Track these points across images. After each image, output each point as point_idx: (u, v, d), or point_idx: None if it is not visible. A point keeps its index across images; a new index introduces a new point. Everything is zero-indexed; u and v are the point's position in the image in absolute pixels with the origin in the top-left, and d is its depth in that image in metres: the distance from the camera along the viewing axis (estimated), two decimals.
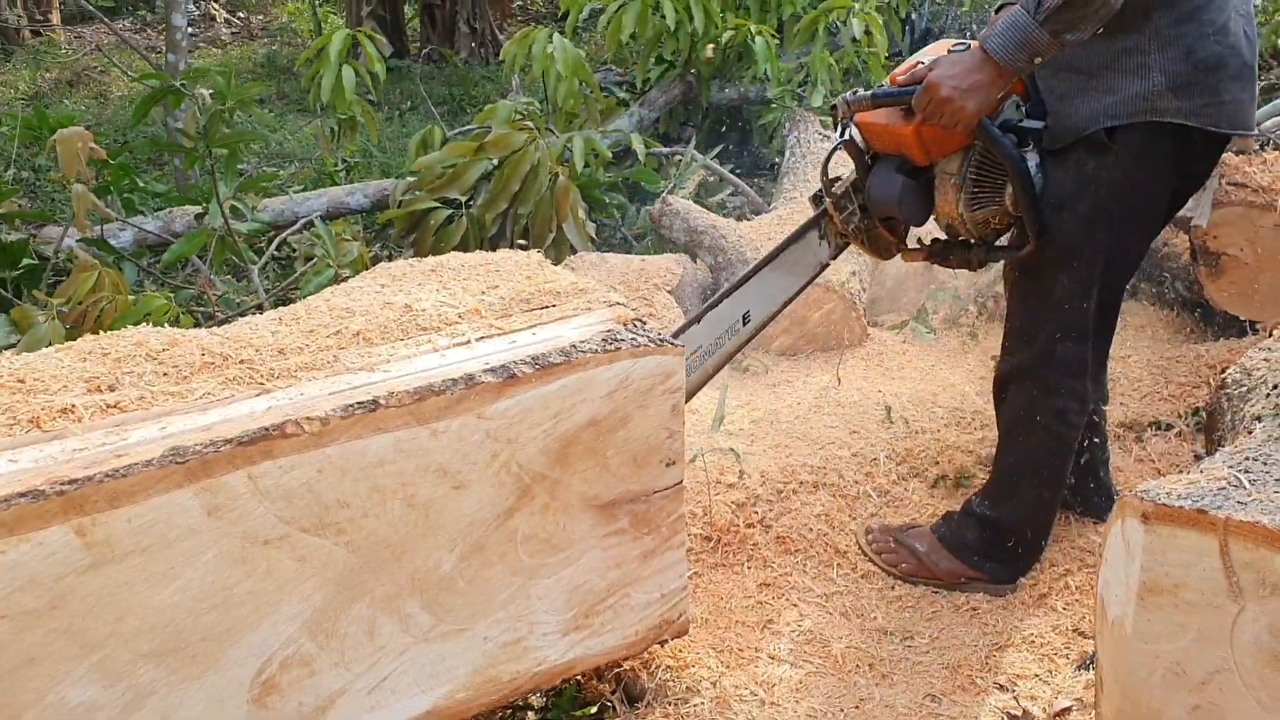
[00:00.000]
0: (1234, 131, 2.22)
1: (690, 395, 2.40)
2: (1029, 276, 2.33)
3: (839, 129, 2.37)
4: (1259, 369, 2.19)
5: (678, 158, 5.17)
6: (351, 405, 1.49)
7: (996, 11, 2.25)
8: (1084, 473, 2.64)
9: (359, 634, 1.60)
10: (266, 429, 1.43)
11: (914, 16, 7.59)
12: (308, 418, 1.46)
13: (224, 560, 1.44)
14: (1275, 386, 1.95)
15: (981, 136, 2.20)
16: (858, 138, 2.36)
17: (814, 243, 2.50)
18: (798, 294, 2.54)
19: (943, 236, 2.44)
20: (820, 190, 2.45)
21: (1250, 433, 1.78)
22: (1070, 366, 2.34)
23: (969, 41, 2.21)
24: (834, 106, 2.32)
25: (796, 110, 5.26)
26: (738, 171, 5.51)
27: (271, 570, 1.49)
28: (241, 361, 1.62)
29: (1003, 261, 2.49)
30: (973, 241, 2.37)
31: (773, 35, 5.30)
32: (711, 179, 5.20)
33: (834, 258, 2.56)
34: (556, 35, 4.81)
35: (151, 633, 1.41)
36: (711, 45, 5.46)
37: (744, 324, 2.44)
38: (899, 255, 2.51)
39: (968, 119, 2.14)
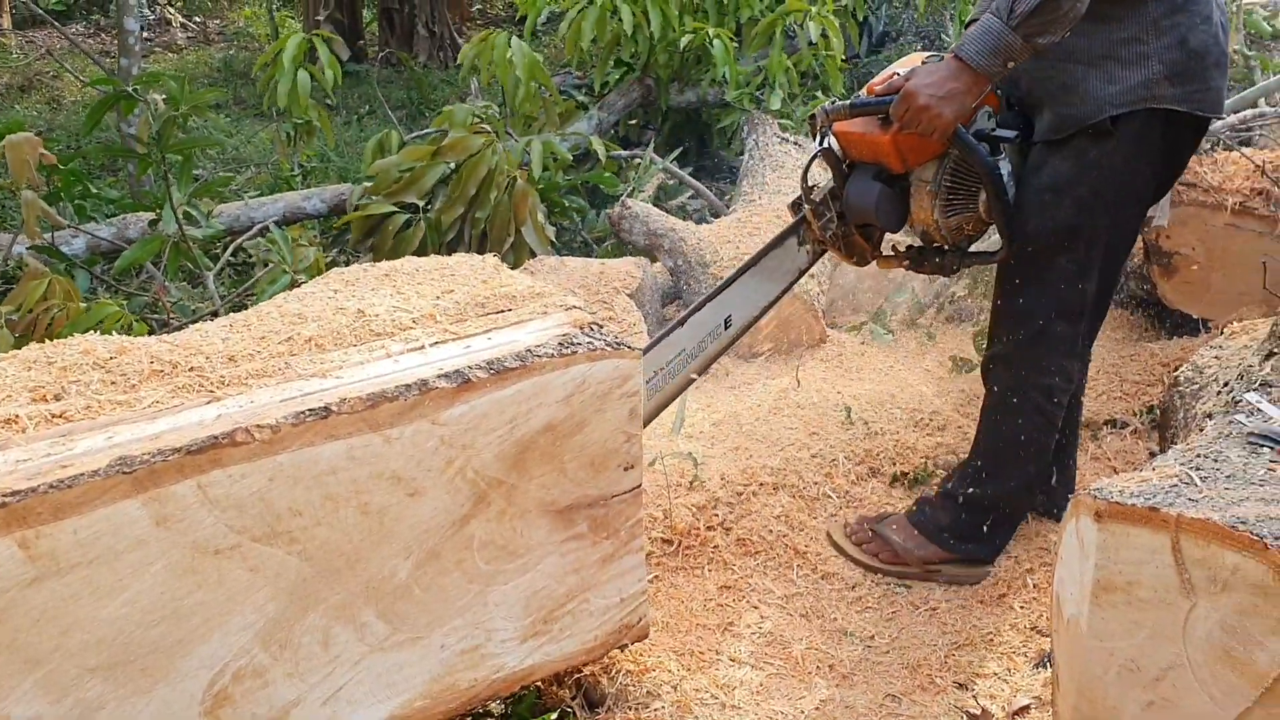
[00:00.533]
0: (1216, 116, 2.32)
1: (673, 398, 2.44)
2: (1025, 259, 2.37)
3: (818, 138, 2.41)
4: (1210, 367, 2.22)
5: (637, 161, 5.17)
6: (303, 412, 1.47)
7: (966, 26, 2.29)
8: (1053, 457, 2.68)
9: (313, 644, 1.58)
10: (216, 437, 1.41)
11: (871, 20, 7.63)
12: (258, 425, 1.44)
13: (173, 571, 1.42)
14: (1226, 384, 1.97)
15: (957, 144, 2.25)
16: (835, 146, 2.41)
17: (793, 249, 2.55)
18: (778, 299, 2.59)
19: (918, 243, 2.48)
20: (799, 198, 2.49)
21: (1202, 430, 1.80)
22: (1062, 345, 2.39)
23: (942, 53, 2.26)
24: (813, 116, 2.38)
25: (755, 113, 5.28)
26: (697, 174, 5.51)
27: (223, 580, 1.47)
28: (191, 369, 1.60)
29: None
30: (947, 248, 2.42)
31: (731, 38, 5.31)
32: (671, 182, 5.21)
33: (812, 264, 2.60)
34: (515, 39, 4.79)
35: (99, 646, 1.39)
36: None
37: (725, 328, 2.48)
38: (875, 262, 2.55)
39: (944, 126, 2.19)
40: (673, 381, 2.41)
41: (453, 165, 4.16)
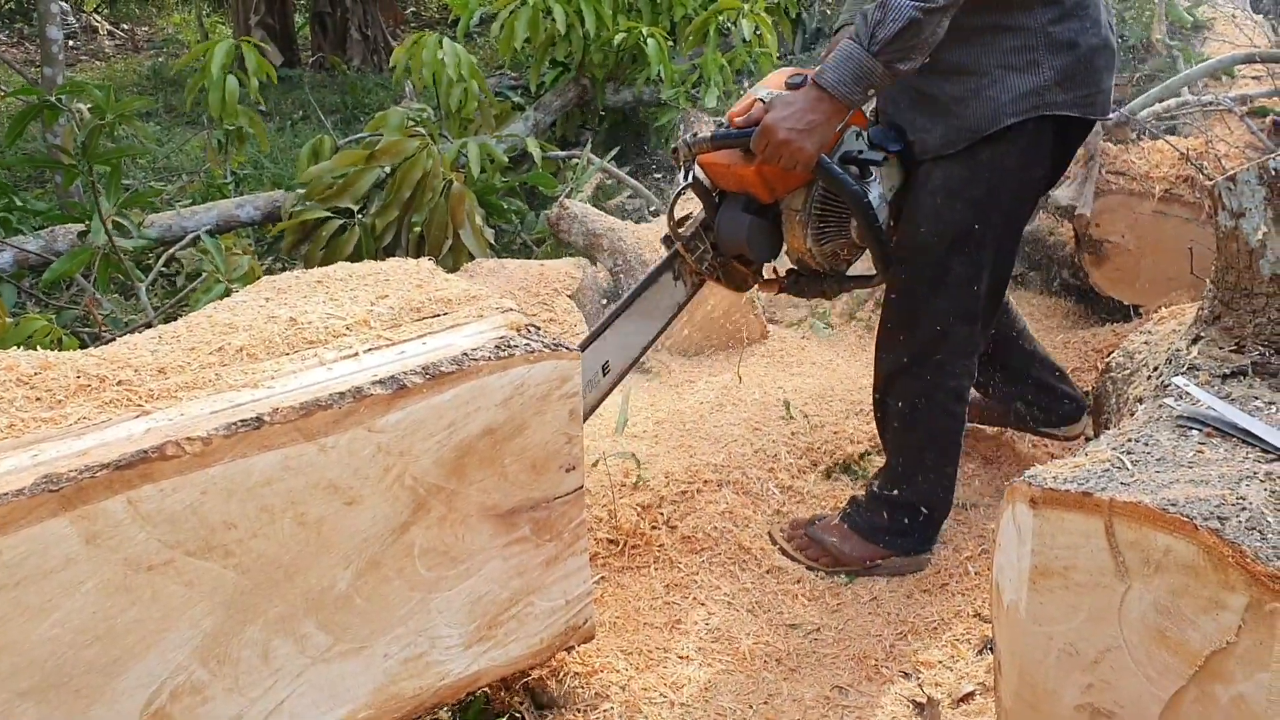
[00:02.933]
0: (1105, 118, 2.35)
1: None
2: (918, 265, 2.35)
3: (683, 171, 2.36)
4: (1140, 352, 2.26)
5: (575, 161, 5.16)
6: (235, 423, 1.45)
7: (834, 32, 2.27)
8: (1040, 390, 2.82)
9: (253, 657, 1.56)
10: (145, 452, 1.38)
11: (804, 17, 7.69)
12: (189, 438, 1.41)
13: (105, 589, 1.39)
14: (1155, 369, 2.00)
15: (821, 175, 2.21)
16: (703, 178, 2.35)
17: (669, 284, 2.47)
18: (657, 337, 2.50)
19: (795, 269, 2.45)
20: (668, 233, 2.43)
21: (1133, 414, 1.83)
22: (963, 346, 2.40)
23: (806, 72, 2.21)
24: (674, 149, 2.32)
25: (691, 111, 5.29)
26: (635, 173, 5.52)
27: (157, 597, 1.44)
28: (119, 383, 1.57)
29: None
30: (825, 273, 2.39)
31: (665, 37, 5.32)
32: (609, 181, 5.20)
33: (692, 296, 2.52)
34: (447, 40, 4.76)
35: (30, 669, 1.35)
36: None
37: (603, 374, 2.37)
38: (755, 288, 2.52)
39: (806, 159, 2.15)
40: None
41: (388, 169, 4.13)
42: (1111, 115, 2.39)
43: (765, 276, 2.50)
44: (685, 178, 2.35)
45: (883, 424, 2.57)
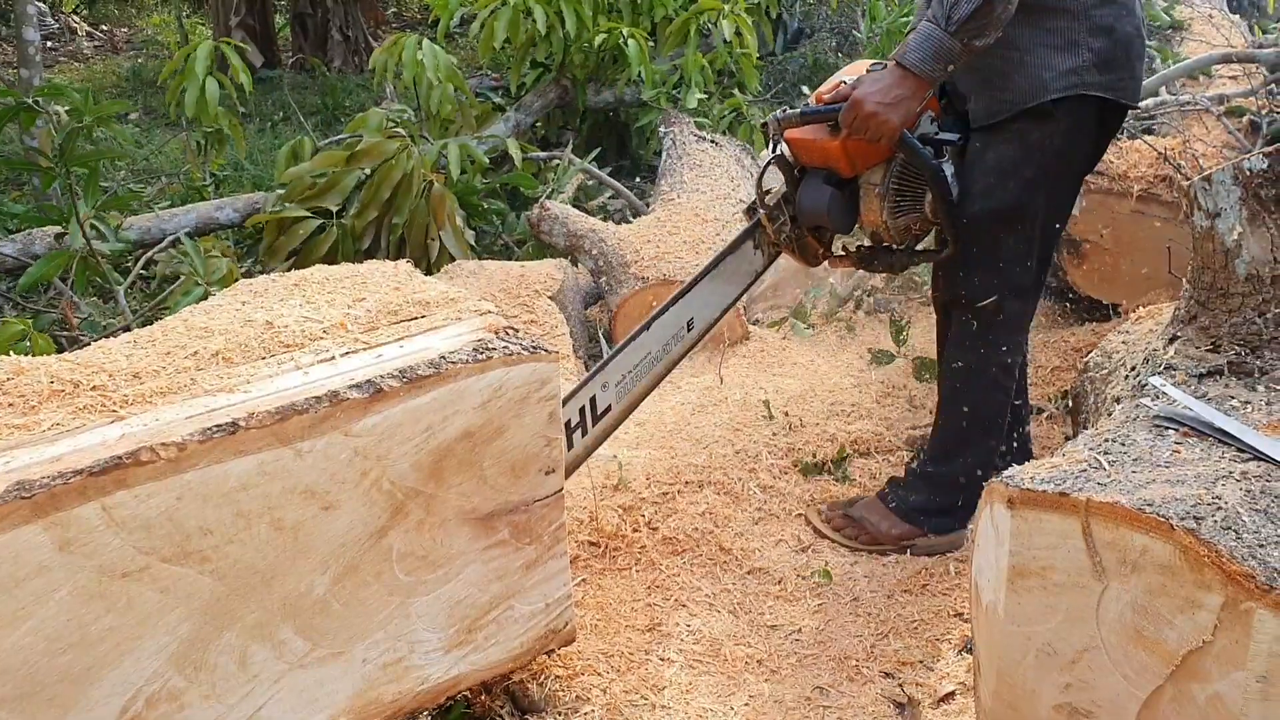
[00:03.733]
0: (1137, 105, 2.45)
1: (642, 398, 2.52)
2: (974, 243, 2.44)
3: (770, 145, 2.49)
4: (1118, 352, 2.27)
5: (555, 162, 5.15)
6: (210, 429, 1.44)
7: (908, 32, 2.36)
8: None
9: (230, 664, 1.55)
10: (119, 457, 1.37)
11: (786, 17, 7.70)
12: (163, 444, 1.40)
13: (80, 596, 1.38)
14: (1133, 368, 2.01)
15: (903, 148, 2.35)
16: (788, 153, 2.49)
17: (749, 252, 2.61)
18: (736, 300, 2.67)
19: (867, 244, 2.57)
20: (754, 202, 2.57)
21: (1110, 414, 1.84)
22: (1014, 322, 2.50)
23: (885, 61, 2.34)
24: (764, 124, 2.47)
25: (672, 112, 5.29)
26: (616, 174, 5.51)
27: (132, 604, 1.43)
28: (94, 388, 1.55)
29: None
30: (895, 247, 2.52)
31: (645, 38, 5.32)
32: (590, 182, 5.20)
33: (768, 265, 2.67)
34: (426, 41, 4.75)
35: (3, 678, 1.34)
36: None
37: (688, 330, 2.55)
38: (826, 262, 2.64)
39: (891, 131, 2.28)
40: (640, 383, 2.48)
41: (367, 171, 4.11)
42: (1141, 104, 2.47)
43: (836, 252, 2.63)
44: (773, 151, 2.50)
45: (939, 403, 2.65)
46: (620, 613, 2.38)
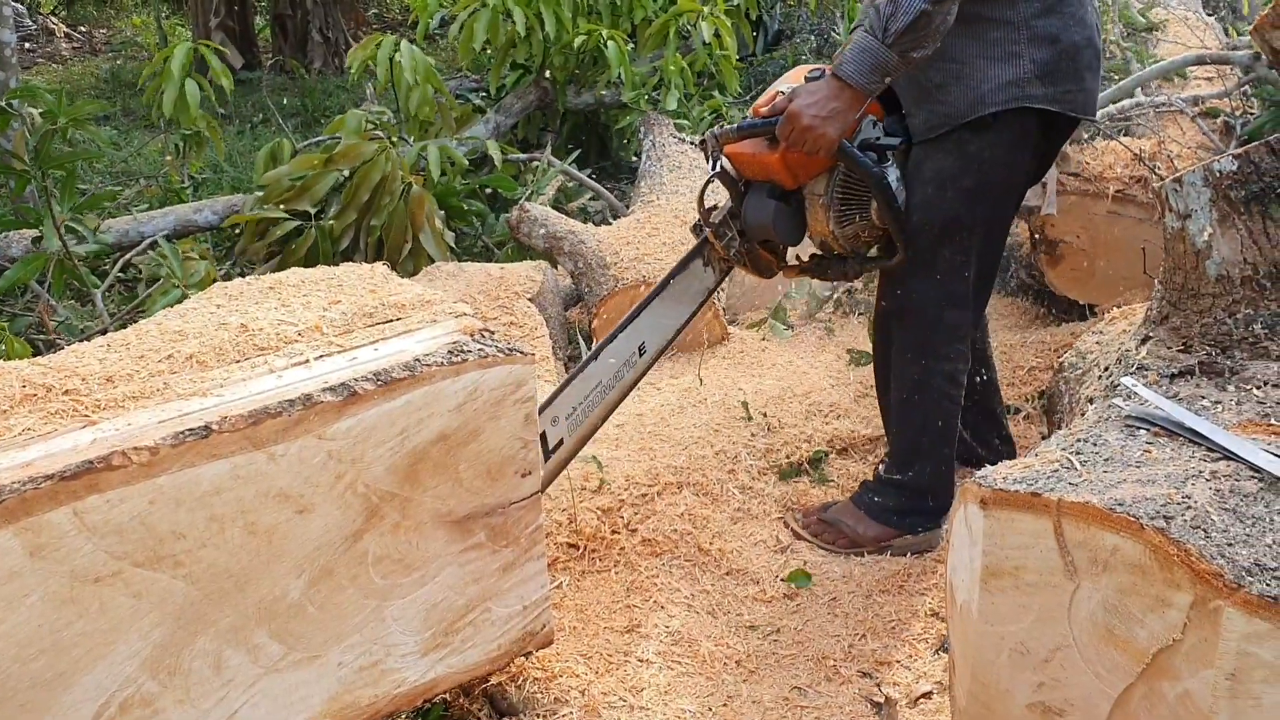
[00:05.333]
0: (1088, 117, 2.42)
1: (596, 428, 2.47)
2: (910, 252, 2.44)
3: (710, 161, 2.46)
4: (1092, 352, 2.28)
5: (535, 164, 5.15)
6: (182, 433, 1.44)
7: (851, 31, 2.35)
8: (979, 415, 2.82)
9: (204, 668, 1.54)
10: (91, 462, 1.37)
11: (766, 19, 7.71)
12: (135, 448, 1.40)
13: (51, 602, 1.37)
14: (1106, 369, 2.03)
15: (843, 158, 2.33)
16: (729, 168, 2.47)
17: (699, 270, 2.59)
18: (689, 321, 2.63)
19: (819, 253, 2.57)
20: (699, 221, 2.55)
21: (1083, 414, 1.85)
22: (956, 332, 2.50)
23: (823, 67, 2.33)
24: (703, 141, 2.44)
25: (651, 114, 5.29)
26: (597, 176, 5.51)
27: (105, 608, 1.43)
28: (66, 392, 1.55)
29: None
30: (847, 255, 2.51)
31: (625, 40, 5.32)
32: (570, 184, 5.20)
33: (720, 282, 2.65)
34: (404, 43, 4.74)
35: None
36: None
37: (640, 355, 2.51)
38: (781, 273, 2.63)
39: (829, 144, 2.27)
40: (593, 414, 2.44)
41: (346, 173, 4.10)
42: (1092, 118, 2.48)
43: (789, 262, 2.62)
44: (713, 168, 2.46)
45: (884, 410, 2.67)
46: (599, 614, 2.39)
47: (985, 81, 2.29)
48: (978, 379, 2.79)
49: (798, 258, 2.61)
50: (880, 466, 2.69)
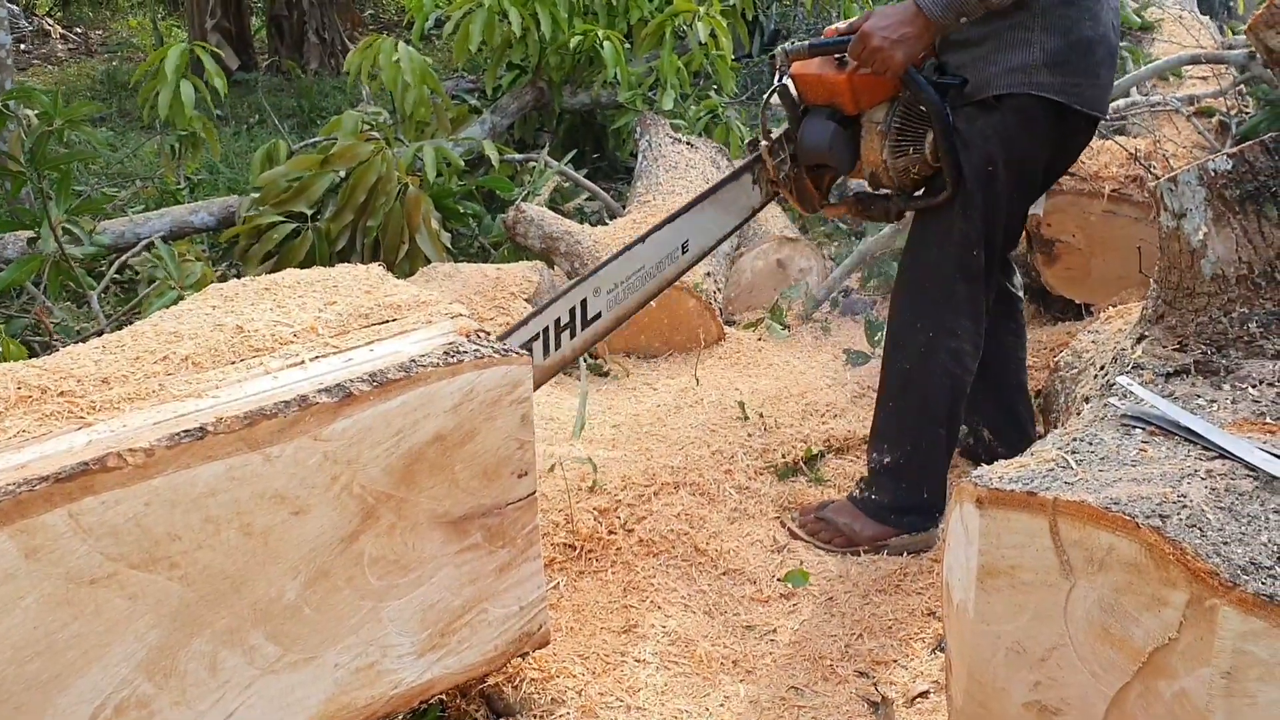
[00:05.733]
0: (1098, 113, 2.43)
1: (631, 313, 2.51)
2: (928, 219, 2.49)
3: (776, 78, 2.52)
4: (1088, 351, 2.29)
5: (532, 164, 5.15)
6: (178, 434, 1.44)
7: None
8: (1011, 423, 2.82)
9: (200, 670, 1.54)
10: (86, 464, 1.37)
11: (762, 19, 7.71)
12: (131, 450, 1.40)
13: (46, 604, 1.37)
14: (1102, 368, 2.03)
15: (908, 83, 2.38)
16: (792, 89, 2.51)
17: (747, 185, 2.63)
18: (731, 233, 2.68)
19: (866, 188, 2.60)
20: (756, 137, 2.59)
21: (1079, 414, 1.85)
22: (967, 307, 2.49)
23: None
24: (773, 55, 2.52)
25: (647, 114, 5.29)
26: (593, 176, 5.51)
27: (100, 610, 1.42)
28: (61, 394, 1.55)
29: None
30: (893, 192, 2.54)
31: (621, 40, 5.32)
32: (567, 184, 5.19)
33: (764, 205, 2.69)
34: (402, 44, 4.74)
35: None
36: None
37: (683, 252, 2.54)
38: (822, 210, 2.67)
39: (896, 66, 2.34)
40: (632, 297, 2.47)
41: (342, 174, 4.10)
42: (1104, 116, 2.50)
43: (831, 201, 2.65)
44: (777, 82, 2.51)
45: (884, 388, 2.63)
46: (595, 615, 2.38)
47: (994, 64, 2.35)
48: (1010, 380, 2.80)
49: (840, 196, 2.65)
50: (871, 454, 2.65)
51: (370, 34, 8.68)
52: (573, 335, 2.39)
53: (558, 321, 2.35)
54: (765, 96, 2.58)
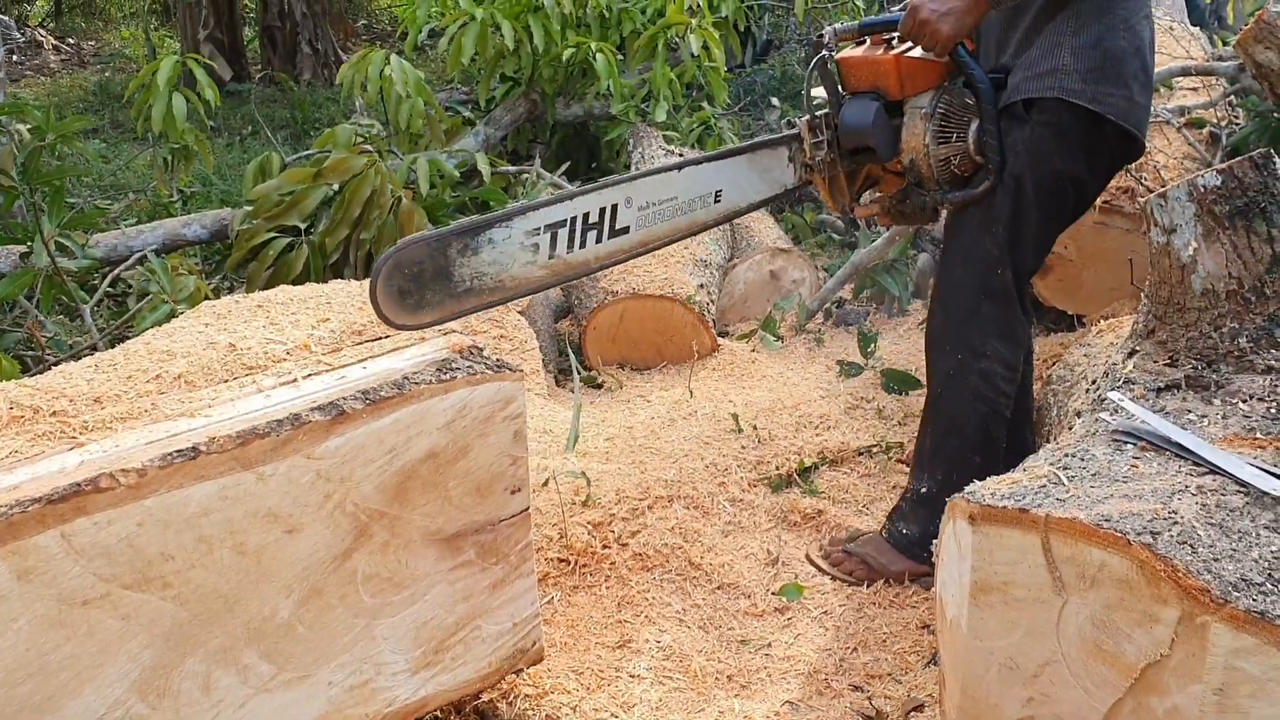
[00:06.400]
0: (1139, 132, 2.36)
1: (654, 243, 2.41)
2: (957, 237, 2.46)
3: (823, 52, 2.47)
4: (1080, 364, 2.29)
5: (525, 176, 5.16)
6: (170, 454, 1.44)
7: None
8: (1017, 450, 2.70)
9: (194, 689, 1.54)
10: (78, 484, 1.37)
11: (754, 30, 7.73)
12: (123, 470, 1.40)
13: (39, 625, 1.37)
14: (1094, 382, 2.03)
15: (955, 61, 2.37)
16: (835, 71, 2.48)
17: (783, 159, 2.56)
18: (762, 203, 2.60)
19: (901, 182, 2.54)
20: (795, 116, 2.55)
21: (1070, 428, 1.86)
22: (993, 327, 2.42)
23: None
24: (820, 34, 2.47)
25: (640, 126, 5.30)
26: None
27: (93, 631, 1.42)
28: (54, 414, 1.55)
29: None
30: (930, 186, 2.48)
31: (614, 52, 5.33)
32: None
33: (796, 189, 2.62)
34: (394, 56, 4.75)
35: None
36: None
37: (715, 201, 2.48)
38: (853, 211, 2.62)
39: (945, 39, 2.31)
40: (659, 226, 2.39)
41: (336, 187, 4.10)
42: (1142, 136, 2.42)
43: (862, 202, 2.60)
44: (821, 61, 2.47)
45: (923, 415, 2.57)
46: (590, 630, 2.38)
47: (1025, 69, 2.34)
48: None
49: (873, 198, 2.60)
50: (906, 491, 2.57)
51: (363, 45, 8.69)
52: (599, 240, 2.29)
53: (586, 216, 2.24)
54: (809, 70, 2.52)
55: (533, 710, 2.12)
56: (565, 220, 2.22)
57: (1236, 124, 3.91)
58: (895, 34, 2.40)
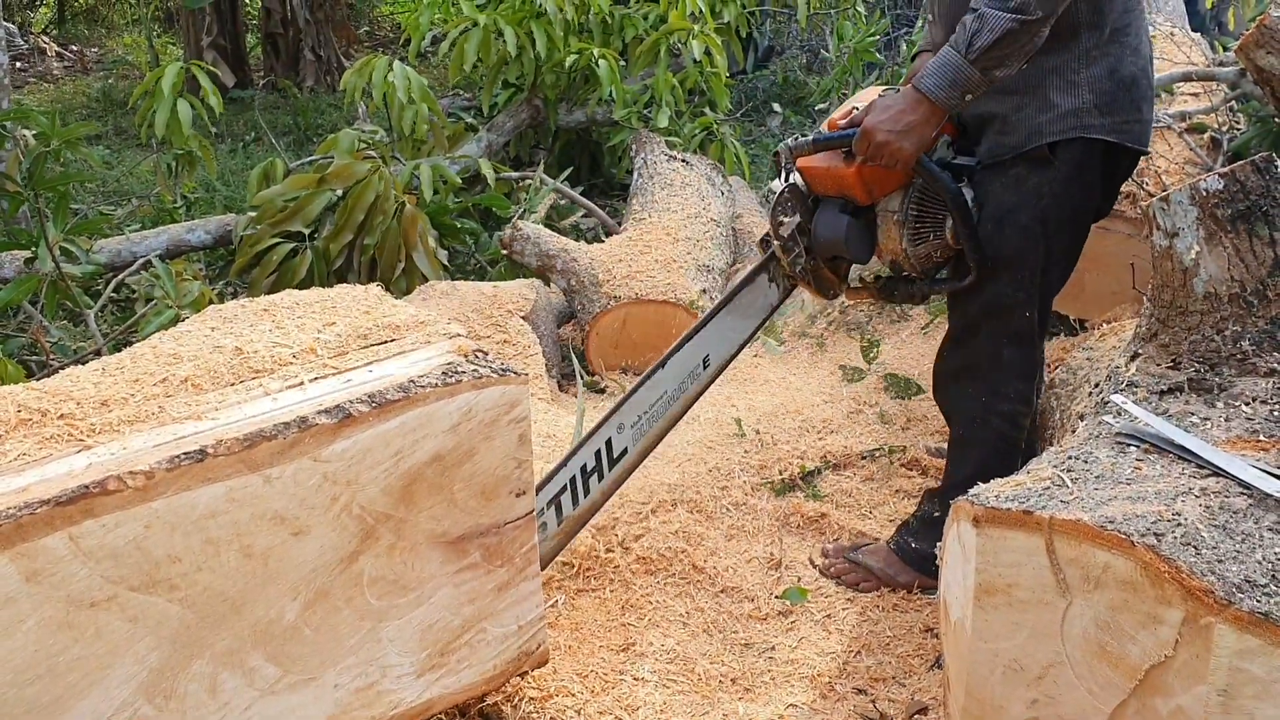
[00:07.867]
0: (1142, 148, 2.35)
1: (658, 440, 2.48)
2: (973, 289, 2.39)
3: (783, 175, 2.45)
4: (1083, 368, 2.30)
5: (528, 182, 5.17)
6: (178, 456, 1.44)
7: (914, 58, 2.32)
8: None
9: (200, 692, 1.54)
10: (86, 487, 1.37)
11: (756, 36, 7.75)
12: (131, 472, 1.40)
13: (47, 627, 1.38)
14: (1096, 385, 2.04)
15: (921, 173, 2.30)
16: (800, 182, 2.44)
17: (764, 286, 2.57)
18: (752, 335, 2.61)
19: (886, 273, 2.51)
20: (767, 234, 2.52)
21: (1074, 431, 1.86)
22: (1016, 369, 2.40)
23: (898, 86, 2.32)
24: (777, 153, 2.43)
25: (643, 131, 5.31)
26: (589, 193, 5.53)
27: (101, 633, 1.43)
28: (61, 417, 1.55)
29: None
30: (916, 277, 2.46)
31: (616, 58, 5.35)
32: (563, 202, 5.21)
33: (784, 300, 2.62)
34: (397, 63, 4.77)
35: None
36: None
37: (704, 368, 2.51)
38: (844, 296, 2.59)
39: (907, 158, 2.23)
40: (656, 425, 2.45)
41: (339, 193, 4.11)
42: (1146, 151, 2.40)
43: (852, 284, 2.58)
44: (784, 180, 2.44)
45: (948, 450, 2.58)
46: (594, 633, 2.39)
47: (1045, 111, 2.26)
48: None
49: (861, 280, 2.56)
50: (923, 506, 2.58)
51: (366, 51, 8.71)
52: (600, 478, 2.35)
53: (584, 468, 2.31)
54: (775, 197, 2.48)
55: (537, 713, 2.12)
56: (565, 485, 2.32)
57: (1237, 129, 3.91)
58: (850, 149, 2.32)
